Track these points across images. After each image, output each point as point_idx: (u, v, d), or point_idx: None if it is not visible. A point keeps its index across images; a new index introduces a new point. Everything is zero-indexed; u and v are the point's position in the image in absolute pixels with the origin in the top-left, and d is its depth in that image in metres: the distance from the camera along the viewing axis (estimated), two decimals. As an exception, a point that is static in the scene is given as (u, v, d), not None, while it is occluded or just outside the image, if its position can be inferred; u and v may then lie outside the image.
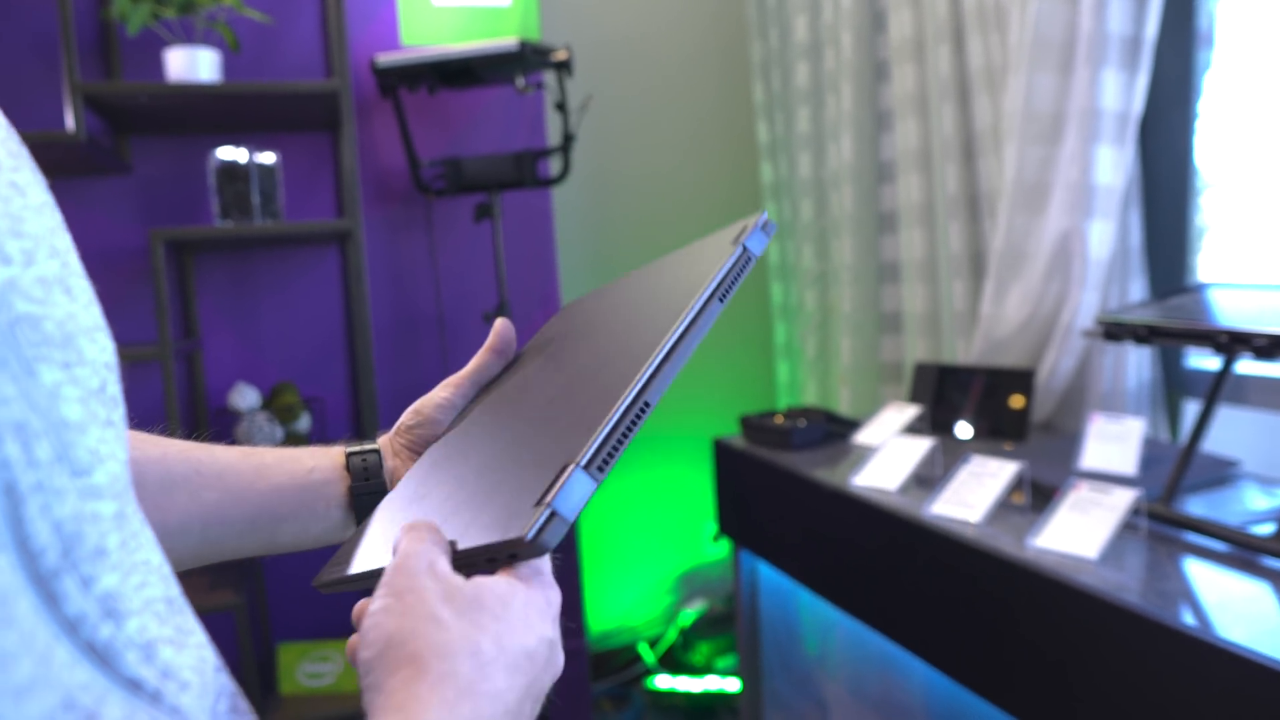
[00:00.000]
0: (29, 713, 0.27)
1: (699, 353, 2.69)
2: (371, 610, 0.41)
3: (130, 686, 0.33)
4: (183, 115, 1.98)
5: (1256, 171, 1.63)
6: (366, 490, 0.68)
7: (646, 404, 0.48)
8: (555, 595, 0.48)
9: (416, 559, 0.43)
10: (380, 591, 0.42)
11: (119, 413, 0.37)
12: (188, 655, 0.37)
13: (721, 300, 0.57)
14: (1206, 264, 1.72)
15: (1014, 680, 1.20)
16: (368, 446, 0.70)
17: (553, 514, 0.43)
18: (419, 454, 0.69)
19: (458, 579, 0.43)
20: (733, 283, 0.57)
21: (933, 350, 2.16)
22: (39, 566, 0.30)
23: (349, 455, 0.69)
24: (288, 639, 2.22)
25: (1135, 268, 1.73)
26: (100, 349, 0.36)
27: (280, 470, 0.69)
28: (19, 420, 0.30)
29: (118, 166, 2.02)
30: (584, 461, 0.44)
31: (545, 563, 0.49)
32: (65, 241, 0.37)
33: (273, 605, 2.25)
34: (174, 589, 0.39)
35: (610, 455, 0.45)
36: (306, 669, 2.06)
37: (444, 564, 0.44)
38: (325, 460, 0.70)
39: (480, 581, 0.44)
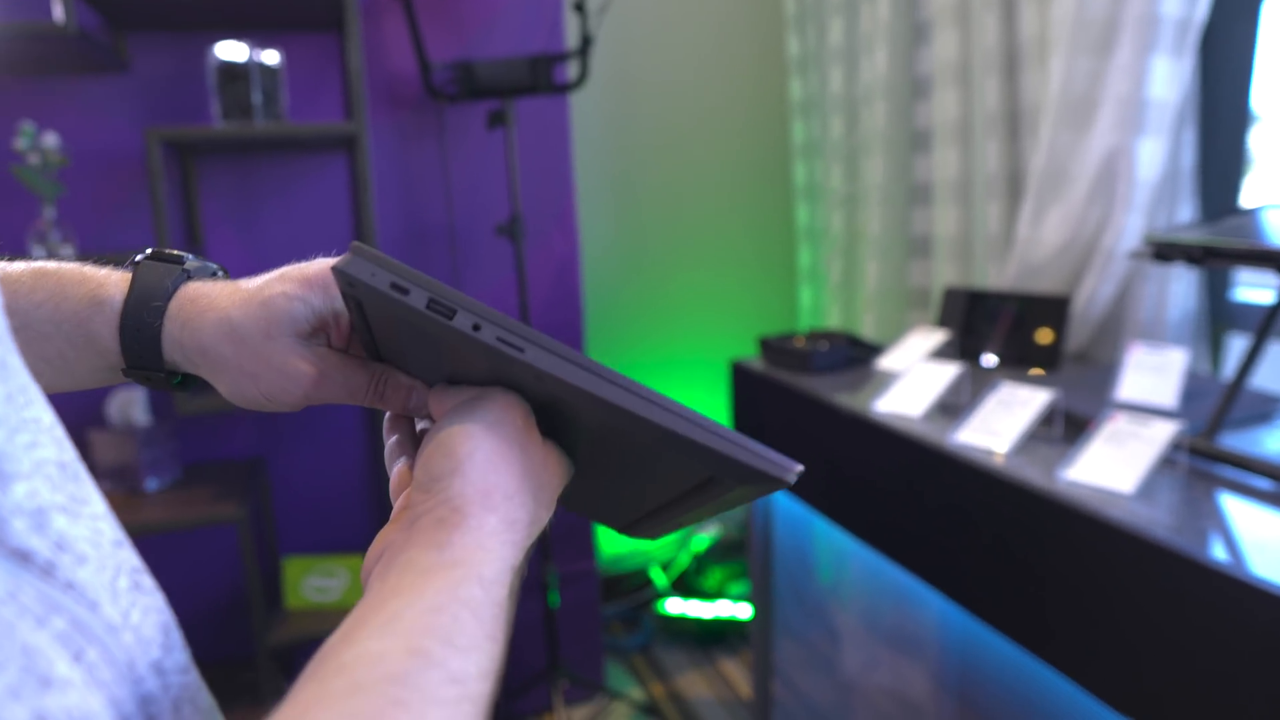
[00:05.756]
0: None
1: (718, 277, 2.61)
2: None
3: (17, 558, 0.28)
4: (182, 9, 1.88)
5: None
6: None
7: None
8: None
9: None
10: None
11: None
12: (82, 526, 0.32)
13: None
14: (1257, 192, 1.61)
15: (1037, 617, 1.14)
16: None
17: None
18: None
19: None
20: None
21: (963, 276, 2.07)
22: None
23: None
24: (293, 553, 2.20)
25: (1185, 191, 1.62)
26: None
27: None
28: None
29: (115, 64, 1.93)
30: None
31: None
32: None
33: (279, 519, 2.23)
34: (68, 453, 0.35)
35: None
36: (313, 583, 2.04)
37: None
38: None
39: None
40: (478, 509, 0.42)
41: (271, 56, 1.88)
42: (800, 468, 0.45)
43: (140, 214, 2.03)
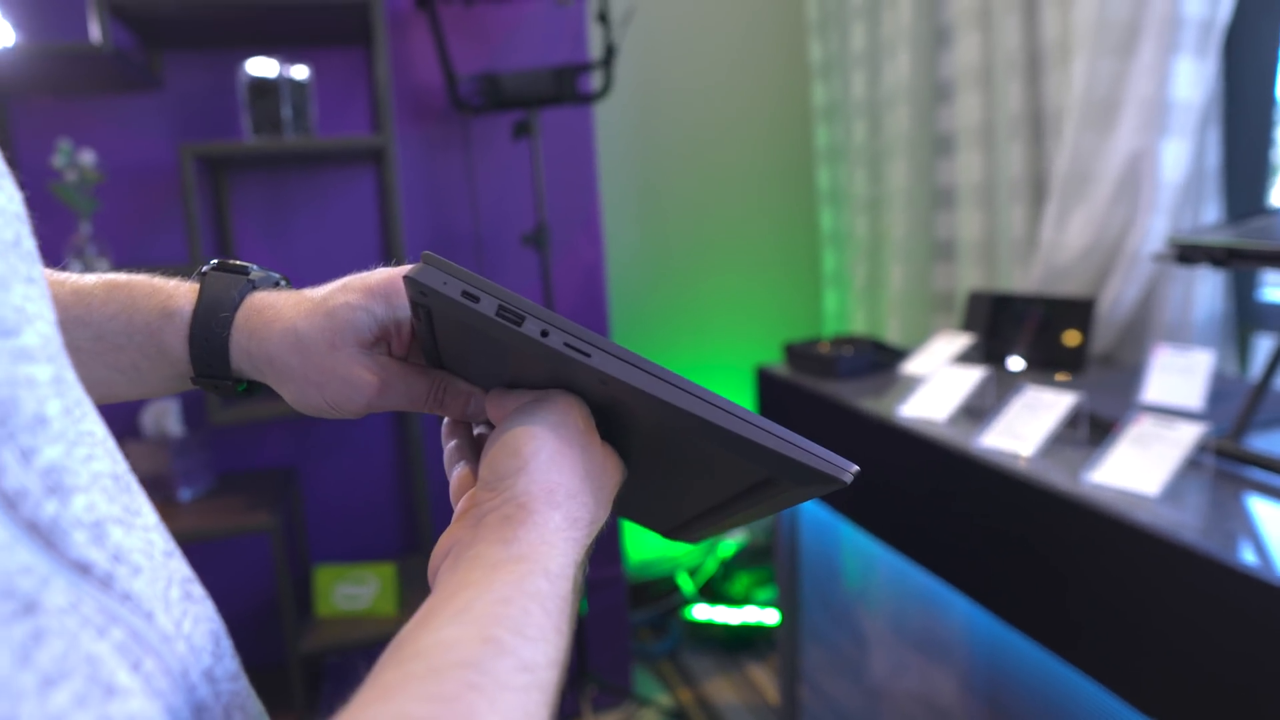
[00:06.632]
0: None
1: (742, 282, 2.60)
2: None
3: (77, 570, 0.29)
4: (214, 27, 1.92)
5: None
6: None
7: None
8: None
9: None
10: None
11: (38, 269, 0.33)
12: (136, 537, 0.34)
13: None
14: (1288, 189, 1.60)
15: (1063, 620, 1.14)
16: None
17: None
18: None
19: None
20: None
21: (987, 279, 2.06)
22: None
23: None
24: (324, 561, 2.23)
25: (1210, 192, 1.61)
26: (9, 198, 0.32)
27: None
28: None
29: (149, 81, 1.97)
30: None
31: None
32: None
33: (310, 527, 2.26)
34: (120, 465, 0.36)
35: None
36: (343, 591, 2.06)
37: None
38: None
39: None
40: (542, 506, 0.43)
41: (301, 71, 1.91)
42: (856, 468, 0.47)
43: (174, 228, 2.07)
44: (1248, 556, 0.91)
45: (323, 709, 2.29)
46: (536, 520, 0.43)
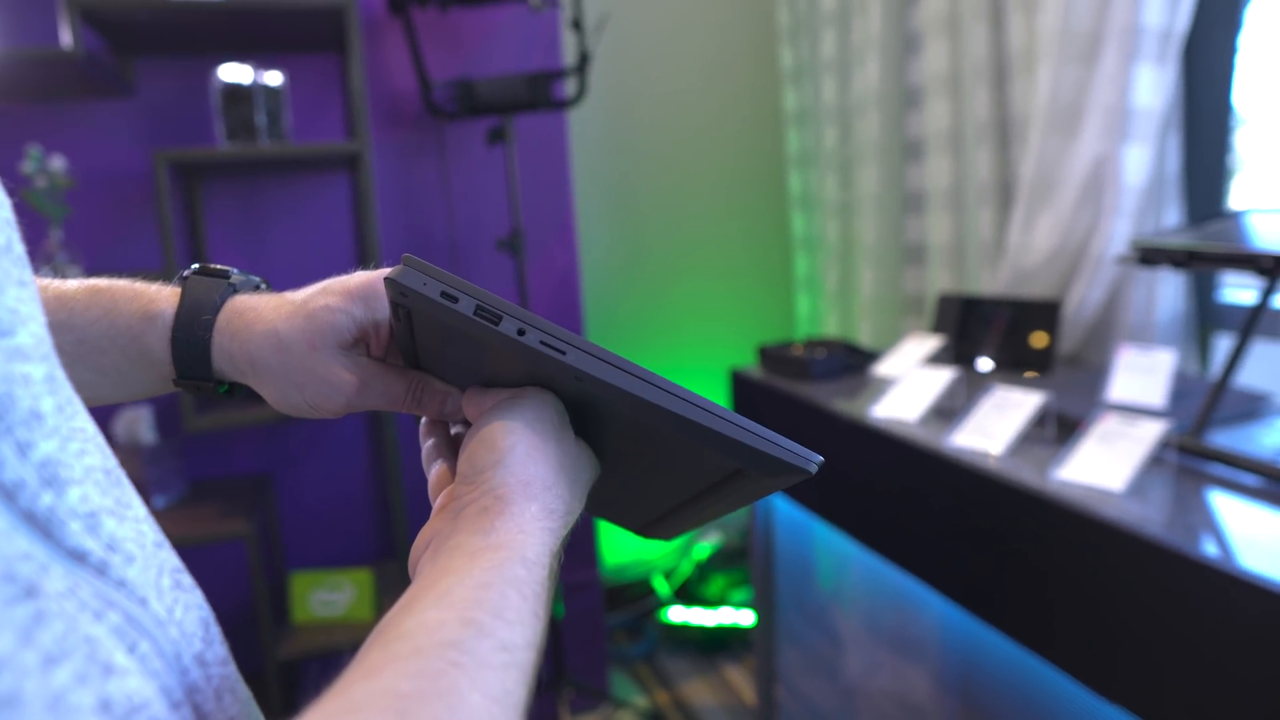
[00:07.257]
0: None
1: (716, 286, 2.61)
2: None
3: (74, 558, 0.31)
4: (187, 33, 1.92)
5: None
6: None
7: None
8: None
9: None
10: None
11: (29, 273, 0.35)
12: (128, 528, 0.35)
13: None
14: (1243, 195, 1.65)
15: (1034, 614, 1.17)
16: None
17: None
18: None
19: None
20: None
21: (956, 282, 2.10)
22: None
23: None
24: (300, 567, 2.22)
25: (1171, 196, 1.66)
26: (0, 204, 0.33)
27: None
28: None
29: (121, 88, 1.96)
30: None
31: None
32: None
33: (285, 534, 2.25)
34: (111, 460, 0.37)
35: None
36: (319, 597, 2.06)
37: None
38: None
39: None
40: (519, 497, 0.45)
41: (274, 78, 1.91)
42: (820, 459, 0.48)
43: (146, 234, 2.06)
44: (1209, 549, 0.94)
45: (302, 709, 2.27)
46: (513, 511, 0.44)
